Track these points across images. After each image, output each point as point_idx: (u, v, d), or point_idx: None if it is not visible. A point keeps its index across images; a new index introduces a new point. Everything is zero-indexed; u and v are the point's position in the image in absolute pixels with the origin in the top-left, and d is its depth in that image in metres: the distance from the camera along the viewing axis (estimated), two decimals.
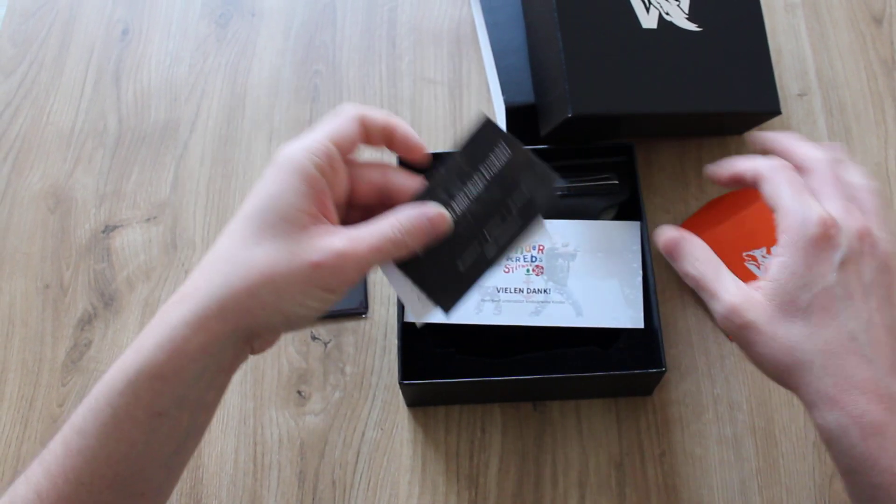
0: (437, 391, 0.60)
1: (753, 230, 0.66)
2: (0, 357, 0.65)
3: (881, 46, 0.74)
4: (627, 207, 0.63)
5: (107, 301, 0.67)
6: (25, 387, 0.64)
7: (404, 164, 0.48)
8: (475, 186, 0.46)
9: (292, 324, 0.44)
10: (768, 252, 0.66)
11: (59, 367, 0.65)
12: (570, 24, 0.61)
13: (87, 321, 0.66)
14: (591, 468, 0.60)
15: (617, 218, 0.63)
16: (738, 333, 0.44)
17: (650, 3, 0.63)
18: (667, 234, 0.48)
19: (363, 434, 0.61)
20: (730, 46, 0.64)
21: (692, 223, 0.67)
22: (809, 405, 0.43)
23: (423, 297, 0.46)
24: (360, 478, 0.60)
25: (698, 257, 0.47)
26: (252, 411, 0.63)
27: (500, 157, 0.46)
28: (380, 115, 0.45)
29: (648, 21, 0.63)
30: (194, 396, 0.43)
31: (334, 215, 0.44)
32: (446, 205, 0.45)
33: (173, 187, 0.72)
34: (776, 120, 0.71)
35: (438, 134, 0.73)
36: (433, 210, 0.44)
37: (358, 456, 0.61)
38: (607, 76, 0.61)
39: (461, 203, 0.46)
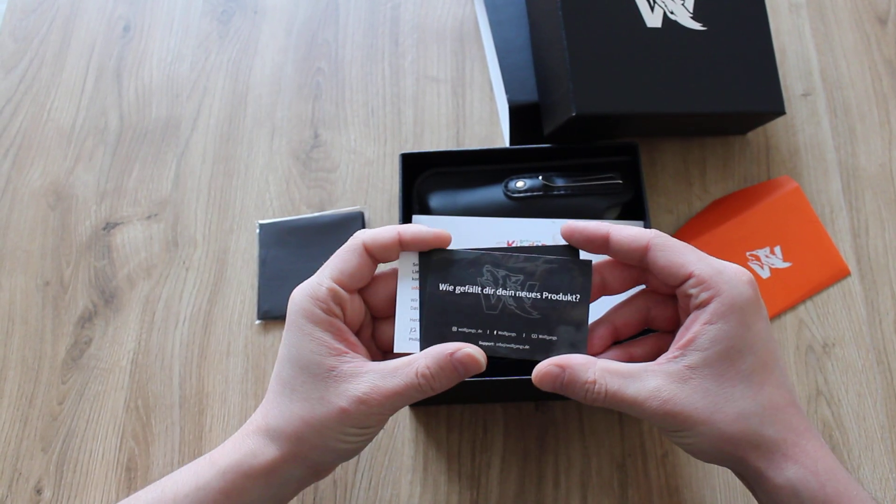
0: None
1: (756, 230, 0.66)
2: (0, 354, 0.65)
3: (886, 47, 0.74)
4: (631, 207, 0.62)
5: (107, 298, 0.67)
6: (25, 384, 0.64)
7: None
8: (522, 288, 0.46)
9: (342, 456, 0.47)
10: (772, 252, 0.66)
11: (59, 364, 0.65)
12: (574, 23, 0.61)
13: (87, 318, 0.66)
14: (594, 468, 0.60)
15: (620, 217, 0.62)
16: (673, 422, 0.42)
17: (655, 2, 0.63)
18: (541, 373, 0.44)
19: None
20: (734, 46, 0.64)
21: (695, 223, 0.67)
22: (763, 468, 0.42)
23: (415, 333, 0.47)
24: (362, 477, 0.60)
25: (588, 377, 0.43)
26: (253, 410, 0.62)
27: (566, 287, 0.46)
28: (384, 233, 0.46)
29: (653, 20, 0.63)
30: None
31: (358, 344, 0.47)
32: (484, 281, 0.46)
33: (174, 184, 0.71)
34: (780, 120, 0.71)
35: (441, 132, 0.73)
36: (463, 353, 0.44)
37: (359, 455, 0.61)
38: (611, 75, 0.61)
39: (499, 287, 0.46)
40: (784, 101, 0.65)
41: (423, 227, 0.47)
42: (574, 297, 0.45)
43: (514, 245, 0.56)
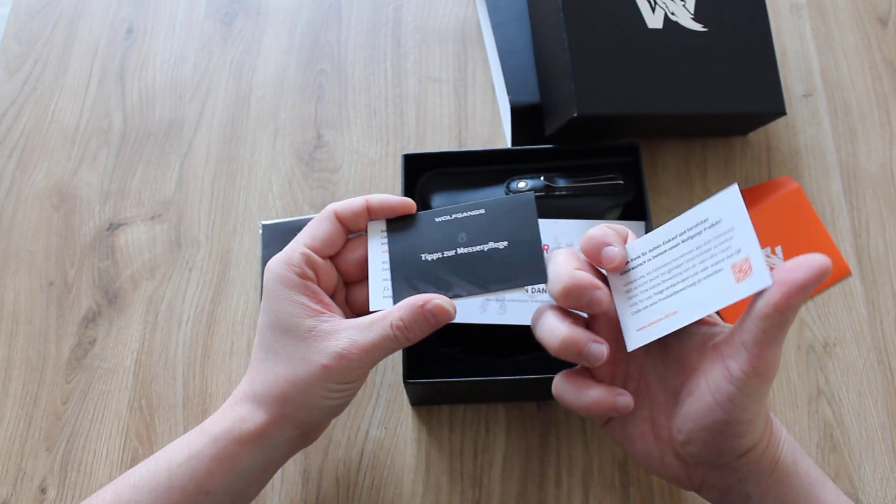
0: (441, 390, 0.60)
1: (757, 230, 0.66)
2: (4, 354, 0.65)
3: (886, 48, 0.74)
4: (632, 208, 0.62)
5: (111, 299, 0.67)
6: (30, 384, 0.64)
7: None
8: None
9: (328, 413, 0.49)
10: (773, 252, 0.66)
11: (63, 364, 0.65)
12: (575, 24, 0.61)
13: (91, 319, 0.66)
14: (595, 468, 0.60)
15: (622, 218, 0.63)
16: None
17: (656, 2, 0.63)
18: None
19: (367, 433, 0.61)
20: (735, 47, 0.64)
21: None
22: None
23: (388, 291, 0.50)
24: (364, 476, 0.60)
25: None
26: None
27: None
28: (354, 201, 0.50)
29: (654, 21, 0.63)
30: (240, 487, 0.48)
31: (334, 305, 0.49)
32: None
33: (178, 185, 0.72)
34: (781, 120, 0.71)
35: (443, 133, 0.73)
36: (433, 304, 0.47)
37: (362, 454, 0.61)
38: (613, 76, 0.61)
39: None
40: (785, 101, 0.65)
41: (390, 195, 0.50)
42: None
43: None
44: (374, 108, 0.74)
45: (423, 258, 0.49)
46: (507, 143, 0.71)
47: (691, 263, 0.42)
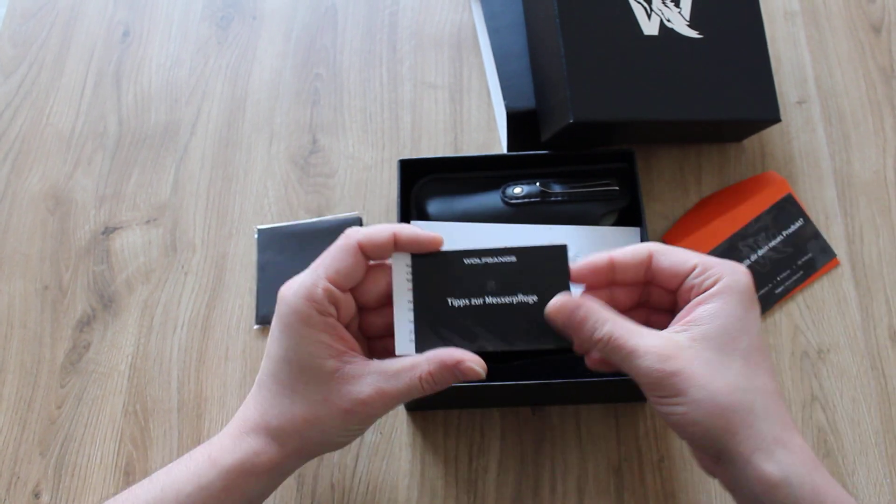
0: (436, 395, 0.59)
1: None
2: None
3: (880, 55, 0.75)
4: (627, 213, 0.63)
5: (106, 303, 0.67)
6: (24, 388, 0.64)
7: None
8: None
9: (338, 447, 0.50)
10: None
11: (57, 368, 0.65)
12: (571, 30, 0.61)
13: (86, 323, 0.66)
14: (590, 473, 0.60)
15: (617, 224, 0.63)
16: (669, 383, 0.42)
17: (651, 9, 0.64)
18: (558, 303, 0.46)
19: (362, 438, 0.61)
20: (730, 54, 0.65)
21: (685, 222, 0.67)
22: (750, 452, 0.41)
23: (413, 334, 0.48)
24: (359, 481, 0.60)
25: (601, 319, 0.44)
26: None
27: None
28: (379, 232, 0.47)
29: (650, 28, 0.63)
30: None
31: (353, 341, 0.47)
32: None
33: (173, 189, 0.72)
34: (775, 127, 0.71)
35: (439, 138, 0.73)
36: (466, 366, 0.45)
37: (357, 459, 0.61)
38: (608, 82, 0.61)
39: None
40: (779, 108, 0.65)
41: (419, 229, 0.47)
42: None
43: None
44: (369, 113, 0.74)
45: (450, 303, 0.47)
46: (502, 148, 0.71)
47: None
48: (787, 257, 0.66)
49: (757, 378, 0.43)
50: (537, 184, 0.62)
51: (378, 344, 0.50)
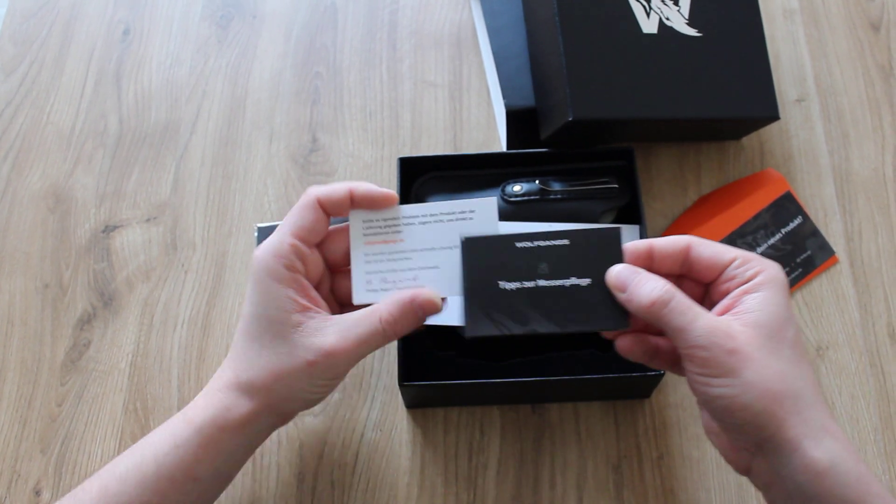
0: (436, 393, 0.60)
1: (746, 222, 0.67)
2: None
3: (879, 53, 0.75)
4: (627, 211, 0.63)
5: (106, 301, 0.67)
6: (24, 386, 0.64)
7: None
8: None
9: (309, 404, 0.51)
10: None
11: (58, 366, 0.65)
12: (571, 29, 0.61)
13: (86, 321, 0.67)
14: (590, 471, 0.60)
15: (616, 221, 0.63)
16: (724, 360, 0.42)
17: (651, 7, 0.64)
18: (619, 266, 0.46)
19: (362, 435, 0.62)
20: (729, 52, 0.65)
21: (684, 220, 0.68)
22: (800, 439, 0.41)
23: (371, 284, 0.50)
24: (359, 479, 0.60)
25: (663, 281, 0.44)
26: None
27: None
28: (337, 188, 0.49)
29: (649, 26, 0.63)
30: (226, 470, 0.50)
31: (320, 299, 0.49)
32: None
33: (173, 188, 0.72)
34: (774, 125, 0.71)
35: (439, 136, 0.73)
36: (421, 297, 0.47)
37: (357, 457, 0.61)
38: (608, 80, 0.61)
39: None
40: (778, 106, 0.65)
41: (373, 186, 0.50)
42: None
43: None
44: (369, 112, 0.75)
45: (501, 286, 0.47)
46: (502, 146, 0.71)
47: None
48: (786, 255, 0.66)
49: (804, 367, 0.43)
50: (537, 182, 0.62)
51: (349, 310, 0.51)
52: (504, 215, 0.61)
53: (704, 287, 0.48)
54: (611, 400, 0.62)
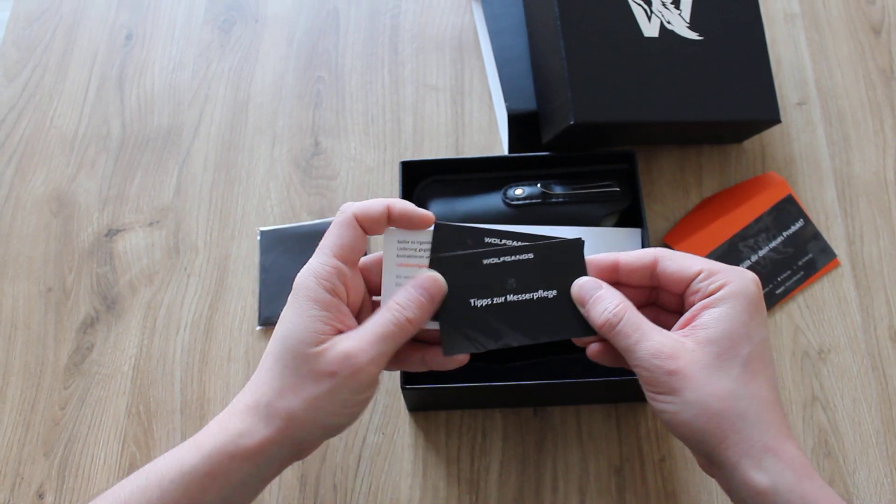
0: (438, 396, 0.60)
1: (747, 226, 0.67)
2: (2, 360, 0.66)
3: (880, 56, 0.75)
4: (628, 214, 0.63)
5: (109, 304, 0.67)
6: (28, 389, 0.64)
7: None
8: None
9: (330, 432, 0.48)
10: None
11: (61, 370, 0.65)
12: (572, 32, 0.62)
13: (89, 324, 0.67)
14: (592, 473, 0.60)
15: (618, 225, 0.63)
16: (665, 380, 0.43)
17: (652, 11, 0.64)
18: (581, 281, 0.47)
19: (364, 438, 0.62)
20: (730, 55, 0.65)
21: (686, 223, 0.68)
22: (737, 458, 0.42)
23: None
24: (362, 482, 0.60)
25: (615, 302, 0.46)
26: None
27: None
28: (374, 205, 0.47)
29: (650, 30, 0.64)
30: (235, 500, 0.46)
31: (354, 323, 0.47)
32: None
33: (176, 192, 0.72)
34: (776, 128, 0.72)
35: (440, 140, 0.73)
36: (422, 278, 0.47)
37: (359, 460, 0.61)
38: (609, 84, 0.61)
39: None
40: (779, 109, 0.65)
41: (411, 204, 0.48)
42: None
43: None
44: (371, 116, 0.75)
45: (473, 303, 0.48)
46: (503, 150, 0.72)
47: None
48: (787, 258, 0.66)
49: (754, 385, 0.43)
50: (538, 185, 0.62)
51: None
52: (506, 219, 0.61)
53: (680, 297, 0.48)
54: (613, 403, 0.62)
